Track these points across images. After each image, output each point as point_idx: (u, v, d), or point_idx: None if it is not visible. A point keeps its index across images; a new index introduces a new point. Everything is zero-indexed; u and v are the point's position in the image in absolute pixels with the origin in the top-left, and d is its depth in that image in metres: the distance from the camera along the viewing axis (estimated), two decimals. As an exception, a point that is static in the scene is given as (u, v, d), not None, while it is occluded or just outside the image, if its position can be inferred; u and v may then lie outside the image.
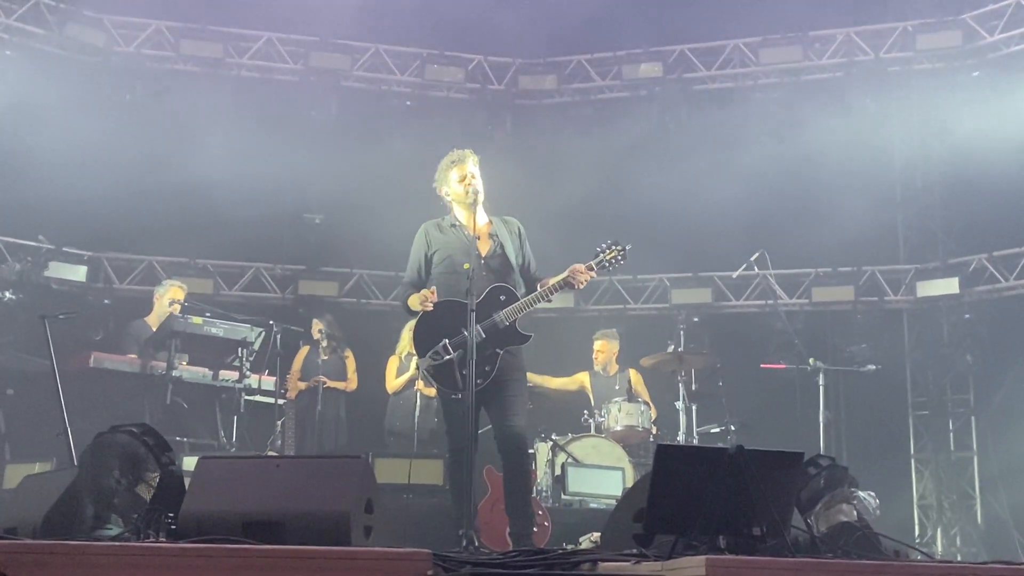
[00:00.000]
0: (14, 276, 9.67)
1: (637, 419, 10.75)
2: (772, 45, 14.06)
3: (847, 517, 5.25)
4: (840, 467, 5.47)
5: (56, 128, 12.47)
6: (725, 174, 13.22)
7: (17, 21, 13.22)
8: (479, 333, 6.75)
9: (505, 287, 7.04)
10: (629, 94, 14.66)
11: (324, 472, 5.01)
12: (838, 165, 12.98)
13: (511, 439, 6.95)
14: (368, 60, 14.58)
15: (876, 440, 13.32)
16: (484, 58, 14.81)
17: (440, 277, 7.19)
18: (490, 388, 6.84)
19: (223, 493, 4.88)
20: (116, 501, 5.13)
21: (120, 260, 14.03)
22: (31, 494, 5.56)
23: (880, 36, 13.79)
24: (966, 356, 13.46)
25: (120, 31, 13.92)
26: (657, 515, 4.53)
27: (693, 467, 4.57)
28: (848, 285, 13.91)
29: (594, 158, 13.62)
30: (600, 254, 7.17)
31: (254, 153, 12.99)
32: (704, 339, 13.10)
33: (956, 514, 13.17)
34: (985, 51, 13.25)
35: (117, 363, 9.47)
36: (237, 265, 14.34)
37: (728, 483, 4.45)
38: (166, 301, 10.30)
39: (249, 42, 14.34)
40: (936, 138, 13.43)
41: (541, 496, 9.96)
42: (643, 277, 14.44)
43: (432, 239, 7.31)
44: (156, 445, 5.28)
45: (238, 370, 9.65)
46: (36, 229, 12.25)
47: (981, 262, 13.40)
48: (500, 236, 7.26)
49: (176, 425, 9.27)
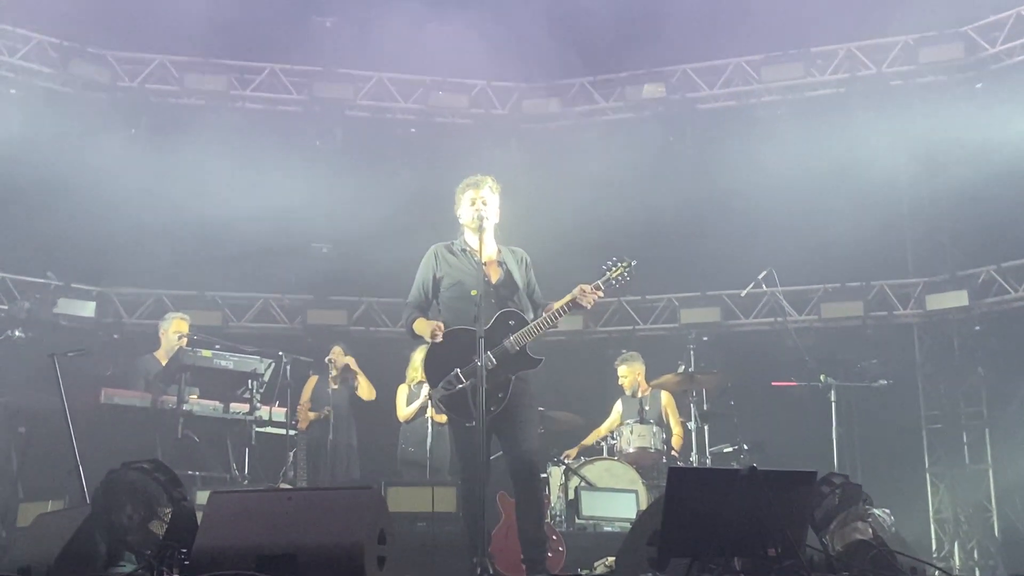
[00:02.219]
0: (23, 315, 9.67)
1: (650, 440, 10.70)
2: (774, 62, 14.10)
3: (862, 535, 5.22)
4: (854, 485, 5.44)
5: (62, 164, 12.56)
6: (731, 193, 13.23)
7: (22, 60, 13.33)
8: (490, 360, 6.72)
9: (513, 312, 6.99)
10: (633, 115, 14.71)
11: (336, 504, 4.99)
12: (843, 180, 12.96)
13: (523, 464, 6.89)
14: (372, 88, 14.65)
15: (890, 455, 13.25)
16: (487, 83, 14.87)
17: (449, 302, 7.15)
18: (502, 414, 6.79)
19: (236, 527, 4.87)
20: (129, 538, 5.12)
21: (129, 295, 14.09)
22: (44, 533, 5.55)
23: (882, 50, 13.81)
24: (978, 368, 13.44)
25: (124, 66, 14.03)
26: (671, 538, 4.51)
27: (706, 489, 4.57)
28: (857, 300, 13.89)
29: (599, 180, 13.63)
30: (606, 271, 7.09)
31: (260, 184, 13.05)
32: (714, 358, 13.02)
33: (973, 527, 13.09)
34: (988, 63, 13.26)
35: (127, 398, 9.46)
36: (246, 296, 14.38)
37: (742, 504, 4.44)
38: (172, 334, 10.30)
39: (253, 74, 14.43)
40: (941, 150, 13.39)
41: (555, 520, 9.93)
42: (652, 297, 14.44)
43: (441, 262, 7.26)
44: (168, 481, 5.28)
45: (249, 402, 9.63)
46: (44, 266, 12.28)
47: (990, 274, 13.37)
48: (508, 264, 7.23)
49: (188, 459, 9.26)
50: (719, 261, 13.50)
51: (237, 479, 9.52)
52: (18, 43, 13.35)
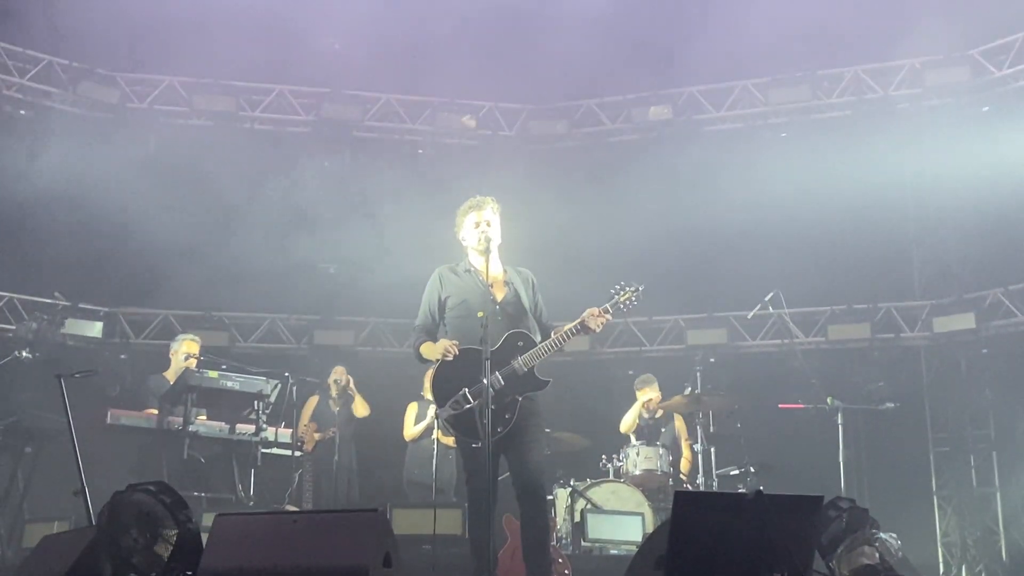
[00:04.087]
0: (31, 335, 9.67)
1: (656, 463, 10.68)
2: (781, 85, 14.12)
3: (869, 560, 5.19)
4: (861, 509, 5.42)
5: (70, 185, 12.60)
6: (737, 214, 13.23)
7: (31, 81, 13.41)
8: (498, 380, 6.71)
9: (522, 332, 6.99)
10: (639, 137, 14.74)
11: (341, 527, 4.98)
12: (850, 202, 12.94)
13: (529, 486, 6.86)
14: (379, 109, 14.71)
15: (897, 478, 13.21)
16: (495, 104, 14.93)
17: (455, 322, 7.13)
18: (508, 434, 6.78)
19: (241, 550, 4.87)
20: (135, 560, 5.11)
21: (136, 315, 14.11)
22: (50, 554, 5.55)
23: (888, 73, 13.83)
24: (985, 391, 13.42)
25: (133, 88, 14.10)
26: (678, 562, 4.50)
27: (712, 513, 4.55)
28: (864, 322, 13.86)
29: (606, 201, 13.66)
30: (614, 296, 7.11)
31: (268, 204, 13.09)
32: (721, 380, 12.99)
33: (980, 551, 13.05)
34: (994, 86, 13.27)
35: (134, 419, 9.46)
36: (252, 316, 14.39)
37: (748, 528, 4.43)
38: (181, 356, 10.31)
39: (261, 95, 14.50)
40: (948, 173, 13.36)
41: (561, 543, 9.90)
42: (658, 318, 14.43)
43: (446, 283, 7.24)
44: (173, 503, 5.27)
45: (254, 423, 9.62)
46: (52, 286, 12.31)
47: (997, 296, 13.35)
48: (515, 284, 7.23)
49: (194, 480, 9.24)
50: (726, 282, 13.50)
51: (243, 500, 9.50)
52: (28, 64, 13.44)
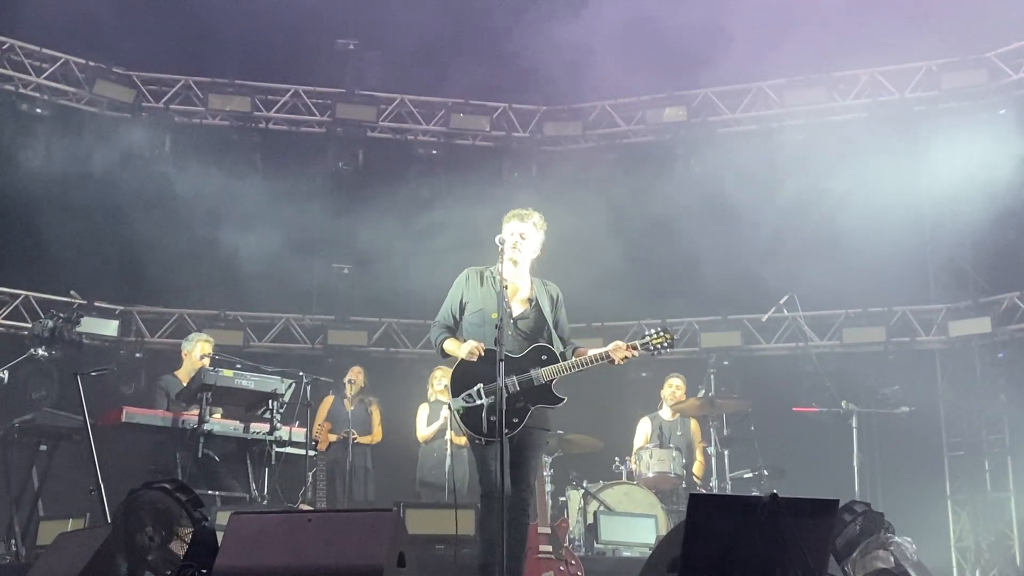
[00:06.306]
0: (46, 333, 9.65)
1: (669, 465, 10.63)
2: (796, 87, 14.10)
3: (884, 564, 5.19)
4: (876, 513, 5.42)
5: (86, 183, 12.67)
6: (752, 216, 13.20)
7: (47, 79, 13.47)
8: (514, 384, 6.71)
9: (548, 348, 6.96)
10: (654, 138, 14.74)
11: (356, 526, 4.99)
12: (866, 205, 12.88)
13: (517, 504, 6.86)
14: (394, 110, 14.74)
15: (912, 482, 13.15)
16: (509, 106, 14.94)
17: (470, 328, 7.12)
18: (511, 445, 6.79)
19: (255, 549, 4.87)
20: (150, 558, 5.14)
21: (151, 314, 14.13)
22: (65, 552, 5.57)
23: (905, 76, 13.80)
24: (1000, 395, 13.36)
25: (149, 87, 14.16)
26: (692, 565, 4.49)
27: (727, 516, 4.54)
28: (879, 326, 13.84)
29: (620, 203, 13.63)
30: (647, 337, 7.05)
31: (283, 204, 13.11)
32: (735, 383, 12.98)
33: (994, 555, 12.99)
34: (1011, 88, 13.24)
35: (149, 417, 9.45)
36: (267, 316, 14.41)
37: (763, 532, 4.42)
38: (196, 355, 10.31)
39: (276, 96, 14.53)
40: (964, 176, 13.30)
41: (574, 545, 9.87)
42: (672, 321, 14.36)
43: (470, 287, 7.23)
44: (189, 501, 5.29)
45: (269, 422, 9.63)
46: (68, 285, 12.34)
47: (1013, 300, 13.30)
48: (539, 299, 7.21)
49: (208, 479, 9.25)
50: (740, 285, 13.45)
51: (256, 499, 9.50)
52: (45, 63, 13.51)
